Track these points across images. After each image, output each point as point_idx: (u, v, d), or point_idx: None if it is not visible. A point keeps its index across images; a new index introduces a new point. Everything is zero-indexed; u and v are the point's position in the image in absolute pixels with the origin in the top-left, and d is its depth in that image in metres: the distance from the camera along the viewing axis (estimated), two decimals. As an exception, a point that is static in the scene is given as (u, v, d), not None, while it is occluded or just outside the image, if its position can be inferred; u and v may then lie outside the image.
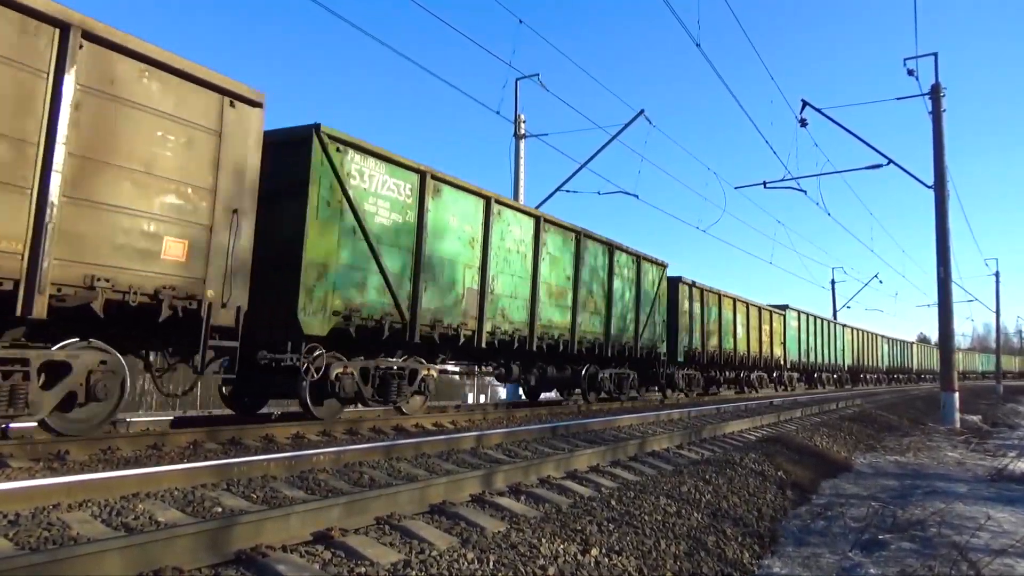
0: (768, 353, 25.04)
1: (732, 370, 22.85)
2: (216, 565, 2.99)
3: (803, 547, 4.77)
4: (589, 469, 6.03)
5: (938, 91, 16.45)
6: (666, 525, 4.43)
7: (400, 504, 4.03)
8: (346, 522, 3.64)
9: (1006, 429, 16.16)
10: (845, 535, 5.05)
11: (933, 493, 6.82)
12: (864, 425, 13.27)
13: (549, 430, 8.45)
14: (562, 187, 19.40)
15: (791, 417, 13.24)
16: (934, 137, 16.39)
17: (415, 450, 6.36)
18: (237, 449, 6.50)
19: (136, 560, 2.76)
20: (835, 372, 34.65)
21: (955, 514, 5.77)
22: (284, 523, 3.37)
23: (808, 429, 11.04)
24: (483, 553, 3.38)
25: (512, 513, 4.31)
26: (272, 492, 4.51)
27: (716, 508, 5.14)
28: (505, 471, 5.13)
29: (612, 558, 3.65)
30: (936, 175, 16.30)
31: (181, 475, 4.50)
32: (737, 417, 11.97)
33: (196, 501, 4.13)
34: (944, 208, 16.14)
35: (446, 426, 9.24)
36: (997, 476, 8.04)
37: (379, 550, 3.32)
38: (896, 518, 5.55)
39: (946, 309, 16.26)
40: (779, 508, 5.77)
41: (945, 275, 16.08)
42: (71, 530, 3.41)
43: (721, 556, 4.19)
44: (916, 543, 4.79)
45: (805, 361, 29.71)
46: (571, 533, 3.91)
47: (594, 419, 10.01)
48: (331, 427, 7.91)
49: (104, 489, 4.06)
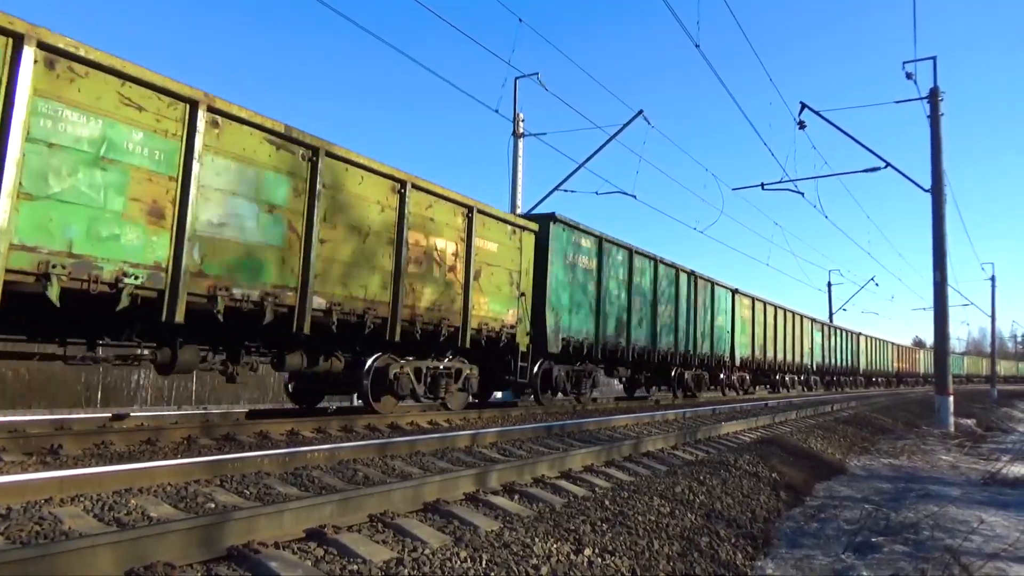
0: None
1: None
2: (208, 561, 2.98)
3: (796, 549, 4.77)
4: (584, 469, 6.02)
5: (936, 95, 16.47)
6: (660, 526, 4.43)
7: (394, 502, 4.03)
8: (339, 519, 3.63)
9: (1000, 433, 16.21)
10: (838, 537, 5.05)
11: (927, 496, 6.83)
12: (859, 428, 13.30)
13: (544, 429, 8.44)
14: (560, 186, 19.39)
15: (786, 419, 13.25)
16: (932, 141, 16.41)
17: (410, 448, 6.35)
18: (231, 445, 6.49)
19: (127, 555, 2.75)
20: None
21: (948, 517, 5.78)
22: (277, 520, 3.36)
23: (803, 431, 11.05)
24: (476, 552, 3.37)
25: (506, 512, 4.30)
26: (266, 489, 4.50)
27: (710, 509, 5.14)
28: (499, 470, 5.12)
29: (605, 558, 3.65)
30: (934, 179, 16.33)
31: (174, 471, 4.49)
32: (732, 419, 11.97)
33: (189, 497, 4.12)
34: (941, 212, 16.16)
35: (441, 425, 9.23)
36: (990, 480, 8.07)
37: (372, 548, 3.31)
38: (889, 521, 5.56)
39: (942, 313, 16.30)
40: (773, 510, 5.77)
41: (941, 279, 16.11)
42: (63, 525, 3.39)
43: (714, 557, 4.19)
44: (909, 546, 4.80)
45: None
46: (565, 533, 3.90)
47: (589, 419, 10.00)
48: (331, 423, 7.92)
49: (97, 484, 4.05)
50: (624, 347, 14.81)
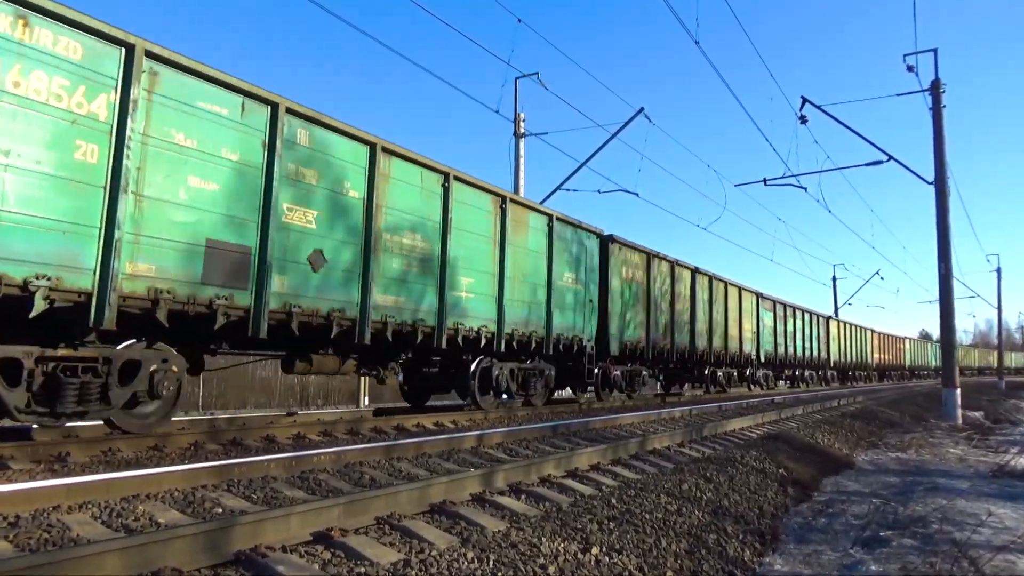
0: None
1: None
2: (216, 566, 2.99)
3: (804, 544, 4.76)
4: (590, 467, 6.02)
5: (938, 87, 16.41)
6: (667, 523, 4.43)
7: (400, 504, 4.03)
8: (346, 522, 3.64)
9: (1008, 425, 16.13)
10: (847, 532, 5.04)
11: (935, 490, 6.81)
12: (866, 422, 13.26)
13: (550, 429, 8.45)
14: (562, 186, 19.41)
15: (792, 415, 13.22)
16: (934, 133, 16.35)
17: (416, 450, 6.36)
18: (238, 450, 6.51)
19: (135, 561, 2.76)
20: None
21: (957, 510, 5.76)
22: (284, 523, 3.37)
23: (810, 426, 11.03)
24: (483, 552, 3.38)
25: (512, 512, 4.30)
26: (272, 492, 4.51)
27: (717, 506, 5.13)
28: (505, 470, 5.12)
29: (612, 556, 3.64)
30: (936, 171, 16.27)
31: (181, 476, 4.50)
32: (739, 415, 11.95)
33: (196, 502, 4.13)
34: (945, 204, 16.11)
35: (447, 426, 9.24)
36: (999, 472, 8.03)
37: (379, 550, 3.32)
38: (897, 515, 5.55)
39: (947, 305, 16.23)
40: (780, 505, 5.76)
41: (946, 271, 16.05)
42: (71, 532, 3.41)
43: (722, 554, 4.18)
44: (917, 540, 4.78)
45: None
46: (571, 532, 3.90)
47: (595, 417, 10.00)
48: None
49: (104, 490, 4.06)
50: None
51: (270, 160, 7.21)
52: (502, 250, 10.91)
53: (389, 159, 8.79)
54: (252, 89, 7.09)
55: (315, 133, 7.81)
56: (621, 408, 13.47)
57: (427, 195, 9.44)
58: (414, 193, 9.21)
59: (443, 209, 9.69)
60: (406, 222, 9.07)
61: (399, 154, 8.93)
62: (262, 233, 7.09)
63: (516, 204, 11.43)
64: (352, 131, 8.19)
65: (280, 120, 7.29)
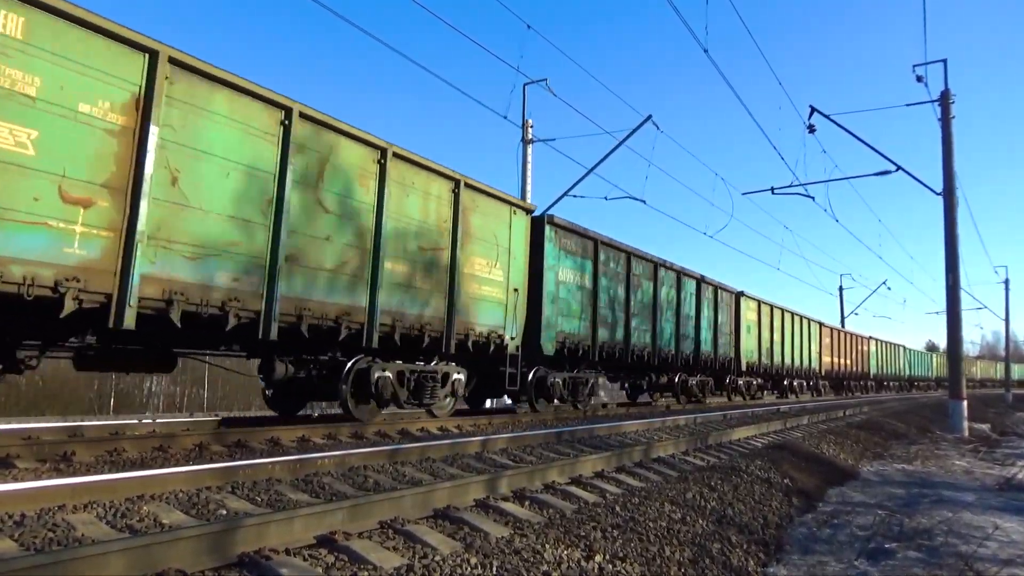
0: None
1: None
2: (219, 568, 2.99)
3: (809, 555, 4.74)
4: (594, 475, 6.01)
5: (947, 97, 16.38)
6: (671, 531, 4.41)
7: (404, 508, 4.03)
8: (350, 526, 3.63)
9: (1015, 438, 16.03)
10: (851, 543, 5.01)
11: (940, 502, 6.77)
12: (871, 432, 13.20)
13: (555, 435, 8.43)
14: (570, 192, 19.40)
15: (798, 424, 13.17)
16: (943, 143, 16.32)
17: (420, 454, 6.36)
18: (243, 452, 6.52)
19: (139, 562, 2.77)
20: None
21: (962, 523, 5.72)
22: (288, 526, 3.37)
23: (815, 436, 10.98)
24: (486, 558, 3.37)
25: (516, 518, 4.29)
26: (276, 495, 4.51)
27: (721, 515, 5.11)
28: (509, 476, 5.11)
29: (616, 564, 3.63)
30: (945, 182, 16.23)
31: (186, 477, 4.51)
32: (743, 424, 11.91)
33: (201, 503, 4.14)
34: (953, 215, 16.05)
35: (451, 430, 9.23)
36: (1005, 485, 7.98)
37: (382, 554, 3.32)
38: (903, 527, 5.52)
39: (955, 316, 16.17)
40: (785, 515, 5.74)
41: (954, 282, 15.99)
42: (76, 531, 3.42)
43: (726, 563, 4.16)
44: (922, 552, 4.75)
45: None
46: (575, 539, 3.89)
47: (600, 424, 9.97)
48: (338, 431, 7.93)
49: (109, 491, 4.07)
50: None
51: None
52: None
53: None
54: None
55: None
56: (625, 416, 13.43)
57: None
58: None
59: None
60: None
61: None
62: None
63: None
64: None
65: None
